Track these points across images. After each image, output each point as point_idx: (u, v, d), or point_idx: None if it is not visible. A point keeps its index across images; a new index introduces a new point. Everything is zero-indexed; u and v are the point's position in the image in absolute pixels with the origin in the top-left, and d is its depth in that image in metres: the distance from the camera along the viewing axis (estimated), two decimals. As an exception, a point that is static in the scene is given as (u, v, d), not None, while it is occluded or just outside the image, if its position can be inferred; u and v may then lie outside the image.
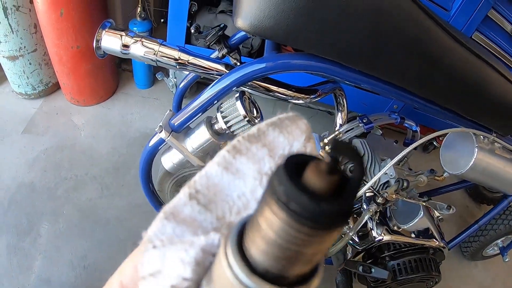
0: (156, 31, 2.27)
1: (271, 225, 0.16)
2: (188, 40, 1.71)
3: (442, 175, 1.33)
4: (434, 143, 2.30)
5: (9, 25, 1.58)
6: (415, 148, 1.25)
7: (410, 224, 1.13)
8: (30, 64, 1.77)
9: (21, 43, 1.67)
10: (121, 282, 0.25)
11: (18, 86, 1.85)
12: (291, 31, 0.63)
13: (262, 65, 0.75)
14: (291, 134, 0.25)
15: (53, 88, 1.99)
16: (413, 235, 1.10)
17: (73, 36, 1.63)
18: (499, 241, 1.91)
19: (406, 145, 1.24)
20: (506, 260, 1.88)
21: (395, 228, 1.11)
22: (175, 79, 1.86)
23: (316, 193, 0.15)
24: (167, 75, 1.93)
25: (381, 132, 2.18)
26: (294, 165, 0.16)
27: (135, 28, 1.76)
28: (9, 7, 1.54)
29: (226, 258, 0.18)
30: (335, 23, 0.63)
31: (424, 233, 1.14)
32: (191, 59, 0.85)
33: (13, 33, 1.62)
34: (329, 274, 1.66)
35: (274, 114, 0.24)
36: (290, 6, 0.60)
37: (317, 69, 0.74)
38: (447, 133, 1.04)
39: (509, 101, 0.96)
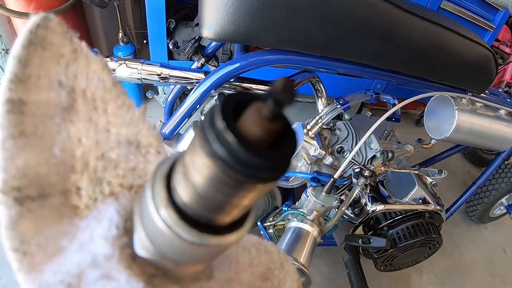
0: (140, 52, 2.34)
1: (199, 170, 0.15)
2: (171, 56, 1.78)
3: (430, 143, 1.38)
4: (424, 111, 2.36)
5: (1, 67, 1.66)
6: (397, 121, 1.31)
7: (407, 198, 1.18)
8: (26, 102, 1.84)
9: (15, 84, 1.74)
10: None
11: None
12: (250, 32, 0.70)
13: (233, 66, 0.82)
14: (53, 45, 0.21)
15: (52, 122, 2.06)
16: (405, 202, 1.16)
17: (63, 69, 1.71)
18: (503, 200, 1.94)
19: (389, 119, 1.30)
20: (514, 217, 1.90)
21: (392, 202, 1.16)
22: (164, 95, 1.94)
23: (250, 141, 0.14)
24: (157, 93, 2.00)
25: (370, 113, 2.24)
26: (233, 105, 0.15)
27: (119, 53, 1.83)
28: (-2, 52, 1.62)
29: (153, 203, 0.17)
30: (288, 19, 0.70)
31: (419, 200, 1.19)
32: (172, 72, 0.93)
33: (5, 75, 1.70)
34: (339, 257, 1.72)
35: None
36: (245, 11, 0.67)
37: (282, 61, 0.81)
38: (424, 104, 1.09)
39: (473, 59, 1.00)
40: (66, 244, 0.18)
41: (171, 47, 1.11)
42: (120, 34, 1.78)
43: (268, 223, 1.13)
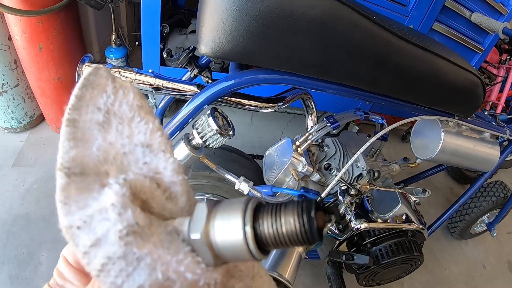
0: (132, 54, 2.33)
1: (289, 230, 0.25)
2: (163, 62, 1.77)
3: (415, 162, 1.41)
4: (411, 131, 2.40)
5: (-10, 62, 1.63)
6: (384, 140, 1.34)
7: (390, 214, 1.20)
8: (13, 99, 1.82)
9: (3, 79, 1.72)
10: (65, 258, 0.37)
11: (4, 121, 1.89)
12: (247, 52, 0.71)
13: (228, 83, 0.83)
14: (100, 85, 0.32)
15: (38, 120, 2.04)
16: (390, 221, 1.17)
17: (53, 68, 1.69)
18: (484, 217, 1.98)
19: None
20: (494, 235, 1.95)
21: (378, 220, 1.18)
22: (154, 100, 1.92)
23: (318, 228, 0.25)
24: (146, 97, 1.99)
25: (357, 128, 2.26)
26: (312, 205, 0.26)
27: (111, 55, 1.81)
28: (-13, 47, 1.59)
29: (243, 232, 0.26)
30: (285, 41, 0.71)
31: (402, 218, 1.21)
32: (165, 83, 0.92)
33: (-6, 71, 1.67)
34: (321, 269, 1.73)
35: (252, 123, 0.31)
36: (244, 31, 0.68)
37: (276, 81, 0.82)
38: (410, 122, 1.11)
39: (462, 86, 1.03)
40: (91, 203, 0.28)
41: (165, 56, 1.11)
42: (113, 37, 1.77)
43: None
